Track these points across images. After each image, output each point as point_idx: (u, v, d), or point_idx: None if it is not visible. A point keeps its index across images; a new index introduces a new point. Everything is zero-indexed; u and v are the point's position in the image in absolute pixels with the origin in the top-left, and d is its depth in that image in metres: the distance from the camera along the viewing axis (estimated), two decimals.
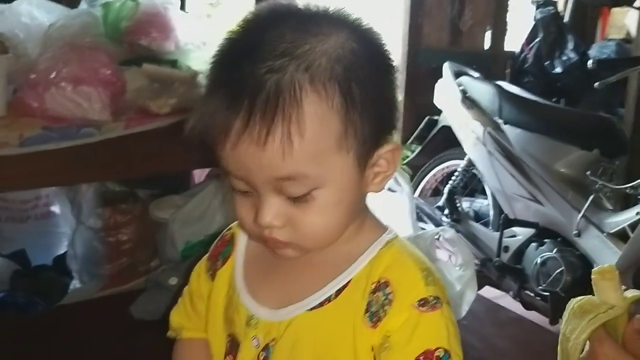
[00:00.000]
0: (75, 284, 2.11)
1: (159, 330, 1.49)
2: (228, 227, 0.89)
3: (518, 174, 2.44)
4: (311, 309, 0.76)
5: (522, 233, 2.43)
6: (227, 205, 1.81)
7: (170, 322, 0.93)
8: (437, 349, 0.72)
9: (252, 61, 0.67)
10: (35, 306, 1.93)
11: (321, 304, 0.76)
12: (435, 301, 0.73)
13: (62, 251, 2.28)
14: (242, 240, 0.85)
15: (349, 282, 0.76)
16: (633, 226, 2.06)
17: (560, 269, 2.22)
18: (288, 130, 0.66)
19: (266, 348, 0.77)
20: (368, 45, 0.72)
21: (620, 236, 2.12)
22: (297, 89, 0.66)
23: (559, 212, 2.32)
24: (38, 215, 2.38)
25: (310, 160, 0.68)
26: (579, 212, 2.22)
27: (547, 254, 2.29)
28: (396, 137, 0.76)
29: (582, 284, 2.19)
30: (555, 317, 2.26)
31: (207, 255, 0.90)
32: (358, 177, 0.73)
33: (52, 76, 1.61)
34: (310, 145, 0.67)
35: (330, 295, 0.76)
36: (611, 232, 2.14)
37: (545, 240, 2.35)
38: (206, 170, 2.20)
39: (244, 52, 0.68)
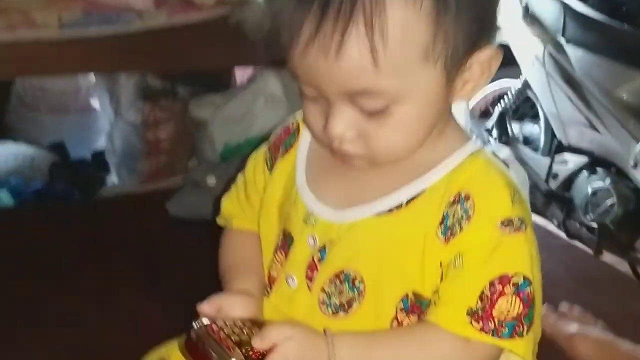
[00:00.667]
0: (112, 179, 2.11)
1: (195, 228, 1.47)
2: (293, 117, 0.82)
3: (577, 98, 2.30)
4: (378, 214, 0.69)
5: (574, 160, 2.32)
6: (269, 109, 1.74)
7: (222, 209, 0.87)
8: (516, 274, 0.64)
9: None
10: (73, 197, 1.93)
11: (390, 210, 0.69)
12: (520, 223, 0.66)
13: (100, 146, 2.28)
14: (307, 133, 0.78)
15: (423, 190, 0.68)
16: None
17: (612, 201, 2.12)
18: (366, 37, 0.57)
19: (322, 249, 0.71)
20: None
21: None
22: None
23: (617, 141, 2.19)
24: (77, 107, 2.36)
25: (391, 73, 0.60)
26: (638, 141, 2.09)
27: (599, 184, 2.19)
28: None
29: (633, 217, 2.10)
30: (599, 249, 2.19)
31: (266, 144, 0.83)
32: (445, 89, 0.64)
33: None
34: (391, 56, 0.58)
35: (402, 203, 0.68)
36: None
37: (598, 169, 2.24)
38: (248, 71, 2.12)
39: None
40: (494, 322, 0.64)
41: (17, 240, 1.39)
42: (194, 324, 0.65)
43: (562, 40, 2.35)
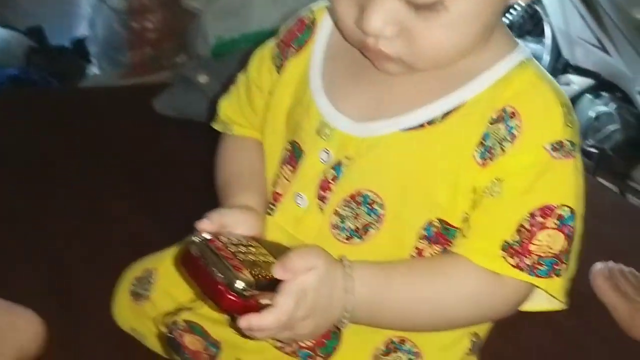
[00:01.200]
0: (93, 69, 1.98)
1: (183, 128, 1.37)
2: (309, 9, 0.71)
3: (589, 15, 2.20)
4: (406, 130, 0.60)
5: (579, 82, 2.25)
6: (268, 3, 1.60)
7: (219, 114, 0.78)
8: (562, 206, 0.57)
9: None
10: (50, 85, 1.81)
11: (421, 126, 0.60)
12: (571, 147, 0.58)
13: (81, 34, 2.13)
14: (325, 28, 0.68)
15: (462, 103, 0.59)
16: None
17: (615, 126, 2.08)
18: None
19: (338, 166, 0.63)
20: None
21: None
22: None
23: (626, 65, 2.11)
24: None
25: None
26: None
27: (603, 108, 2.13)
28: None
29: (633, 145, 2.06)
30: (594, 176, 2.16)
31: (274, 40, 0.73)
32: None
33: None
34: None
35: (436, 117, 0.59)
36: None
37: (603, 93, 2.18)
38: None
39: None
40: (532, 258, 0.57)
41: None
42: (193, 237, 0.56)
43: None
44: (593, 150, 2.13)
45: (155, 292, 0.76)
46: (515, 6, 2.49)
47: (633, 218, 1.36)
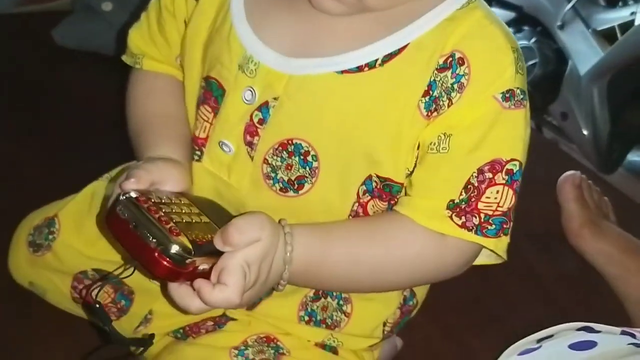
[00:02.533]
0: None
1: (86, 61, 1.26)
2: None
3: None
4: (343, 72, 0.54)
5: (501, 15, 2.22)
6: None
7: (129, 44, 0.70)
8: (512, 160, 0.54)
9: None
10: None
11: (359, 69, 0.54)
12: (522, 96, 0.54)
13: None
14: None
15: (406, 46, 0.53)
16: (624, 27, 1.91)
17: (534, 60, 2.09)
18: None
19: (264, 106, 0.56)
20: None
21: (607, 36, 1.98)
22: None
23: None
24: None
25: None
26: (569, 1, 2.02)
27: (523, 42, 2.13)
28: None
29: (551, 79, 2.08)
30: None
31: None
32: None
33: None
34: None
35: (376, 60, 0.54)
36: (598, 29, 1.98)
37: (524, 27, 2.18)
38: None
39: None
40: (479, 217, 0.54)
41: None
42: (120, 197, 0.50)
43: None
44: None
45: (57, 242, 0.70)
46: None
47: (548, 152, 1.39)
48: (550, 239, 1.02)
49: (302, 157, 0.56)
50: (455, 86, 0.53)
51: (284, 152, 0.57)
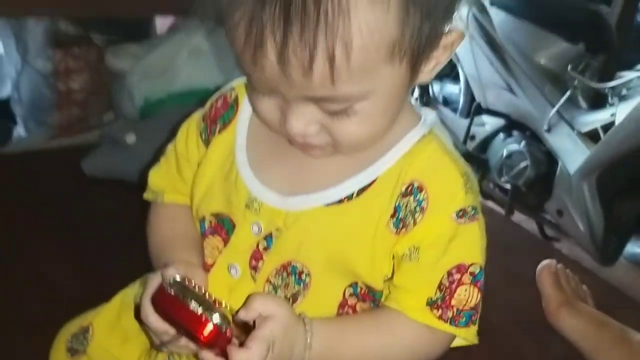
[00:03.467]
0: (20, 130, 1.97)
1: (113, 188, 1.40)
2: (230, 86, 0.76)
3: (497, 61, 2.35)
4: (327, 205, 0.66)
5: (491, 123, 2.39)
6: (193, 63, 1.66)
7: (150, 184, 0.82)
8: (473, 264, 0.65)
9: None
10: None
11: (340, 201, 0.66)
12: (473, 212, 0.65)
13: (4, 95, 2.11)
14: (247, 106, 0.71)
15: (374, 180, 0.65)
16: (606, 128, 2.02)
17: (525, 163, 2.20)
18: (330, 45, 0.51)
19: (268, 237, 0.68)
20: None
21: (591, 136, 2.08)
22: None
23: (533, 105, 2.26)
24: None
25: (356, 78, 0.55)
26: (553, 107, 2.16)
27: (514, 147, 2.26)
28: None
29: (544, 179, 2.19)
30: (511, 210, 2.28)
31: (200, 114, 0.77)
32: (410, 80, 0.60)
33: None
34: (356, 61, 0.53)
35: (352, 193, 0.65)
36: (583, 131, 2.09)
37: (514, 132, 2.32)
38: (169, 20, 2.01)
39: None
40: (453, 310, 0.65)
41: None
42: (168, 279, 0.61)
43: (487, 3, 2.38)
44: (507, 186, 2.25)
45: (92, 347, 0.79)
46: None
47: (539, 251, 1.48)
48: (537, 327, 1.10)
49: (297, 276, 0.67)
50: (418, 209, 0.64)
51: (284, 273, 0.67)
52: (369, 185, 0.66)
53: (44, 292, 1.03)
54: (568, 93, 2.15)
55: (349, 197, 0.66)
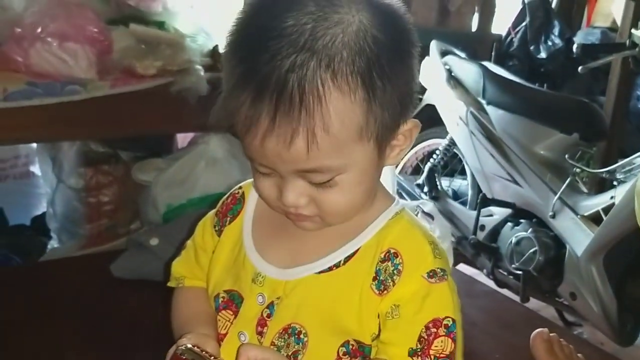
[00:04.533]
0: (53, 243, 2.11)
1: (139, 288, 1.51)
2: (238, 186, 0.91)
3: (498, 155, 2.46)
4: (319, 272, 0.78)
5: (498, 212, 2.46)
6: (210, 170, 1.81)
7: (173, 272, 0.94)
8: (446, 317, 0.75)
9: (272, 55, 0.65)
10: (13, 263, 1.93)
11: (330, 269, 0.78)
12: (442, 273, 0.76)
13: (40, 212, 2.28)
14: (252, 200, 0.87)
15: (357, 249, 0.78)
16: (606, 210, 2.08)
17: (534, 249, 2.25)
18: (312, 128, 0.66)
19: (270, 305, 0.79)
20: (391, 31, 0.70)
21: (594, 219, 2.14)
22: (320, 87, 0.65)
23: (536, 194, 2.34)
24: (17, 174, 2.37)
25: (333, 153, 0.69)
26: (555, 194, 2.24)
27: (522, 234, 2.33)
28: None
29: (554, 264, 2.24)
30: (525, 295, 2.31)
31: (214, 211, 0.91)
32: (378, 158, 0.75)
33: (38, 31, 1.59)
34: (333, 140, 0.67)
35: (340, 261, 0.78)
36: (585, 214, 2.16)
37: (521, 220, 2.38)
38: (190, 135, 2.19)
39: (263, 41, 0.66)
40: (431, 358, 0.74)
41: None
42: (181, 346, 0.71)
43: (483, 102, 2.54)
44: (519, 272, 2.30)
45: None
46: (437, 151, 2.79)
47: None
48: None
49: (296, 336, 0.77)
50: (395, 271, 0.75)
51: (285, 335, 0.78)
52: (354, 254, 0.78)
53: None
54: (568, 180, 2.24)
55: (337, 265, 0.77)
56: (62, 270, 1.62)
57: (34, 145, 2.29)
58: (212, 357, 0.70)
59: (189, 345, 0.72)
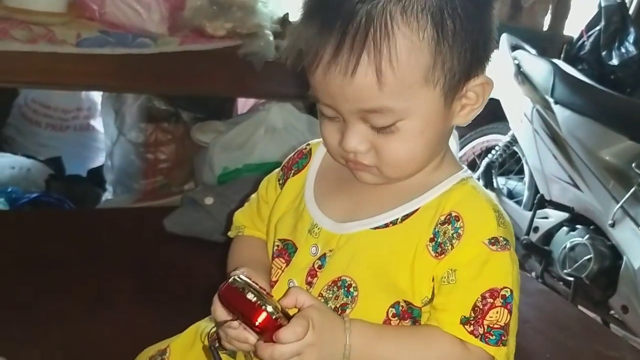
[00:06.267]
0: (108, 195, 2.15)
1: (190, 245, 1.51)
2: (307, 143, 0.91)
3: (561, 156, 2.40)
4: (375, 228, 0.76)
5: (555, 216, 2.40)
6: (268, 139, 1.81)
7: (234, 222, 0.95)
8: (504, 288, 0.72)
9: None
10: (65, 207, 1.97)
11: (386, 225, 0.76)
12: (505, 242, 0.73)
13: (97, 165, 2.32)
14: (318, 156, 0.86)
15: (417, 209, 0.75)
16: None
17: (589, 256, 2.19)
18: (376, 62, 0.66)
19: (322, 257, 0.78)
20: None
21: None
22: (389, 20, 0.65)
23: (597, 200, 2.27)
24: (77, 126, 2.42)
25: (396, 94, 0.68)
26: (618, 202, 2.17)
27: (578, 240, 2.26)
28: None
29: (608, 274, 2.17)
30: (574, 302, 2.24)
31: (280, 166, 0.91)
32: (444, 109, 0.72)
33: None
34: (397, 79, 0.67)
35: (397, 219, 0.75)
36: None
37: (578, 226, 2.32)
38: (251, 101, 2.19)
39: None
40: (484, 328, 0.71)
41: (11, 243, 1.42)
42: (234, 276, 0.70)
43: (551, 100, 2.46)
44: (570, 278, 2.23)
45: None
46: (496, 147, 2.73)
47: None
48: None
49: (346, 289, 0.75)
50: (455, 235, 0.72)
51: (335, 287, 0.76)
52: (412, 213, 0.75)
53: (129, 332, 1.12)
54: (633, 189, 2.15)
55: (394, 222, 0.75)
56: (115, 219, 1.64)
57: (97, 98, 2.34)
58: (265, 291, 0.69)
59: (242, 276, 0.71)
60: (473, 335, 0.70)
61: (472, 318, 0.71)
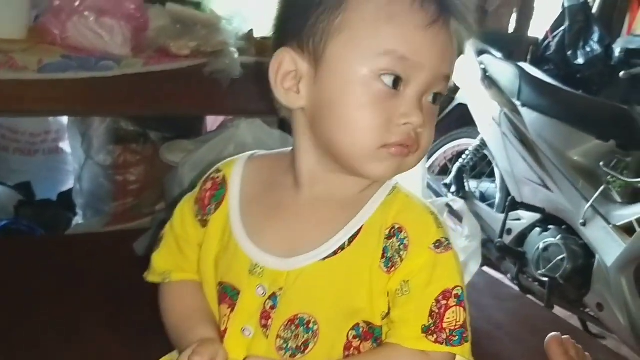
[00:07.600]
0: (78, 219, 2.12)
1: None
2: (216, 169, 0.84)
3: (530, 158, 2.43)
4: (324, 259, 0.74)
5: (527, 217, 2.43)
6: (239, 154, 1.80)
7: (155, 267, 0.86)
8: (455, 287, 0.72)
9: None
10: (37, 233, 1.94)
11: (335, 253, 0.74)
12: (447, 242, 0.74)
13: (67, 188, 2.29)
14: (234, 182, 0.80)
15: (361, 228, 0.74)
16: None
17: (562, 256, 2.22)
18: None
19: (273, 297, 0.75)
20: None
21: (626, 230, 2.10)
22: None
23: (567, 200, 2.30)
24: (46, 150, 2.38)
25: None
26: (587, 201, 2.20)
27: (550, 240, 2.29)
28: None
29: (582, 272, 2.19)
30: (550, 303, 2.27)
31: (192, 197, 0.84)
32: None
33: (76, 4, 1.58)
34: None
35: (344, 243, 0.74)
36: (618, 224, 2.11)
37: (550, 226, 2.35)
38: (220, 119, 2.19)
39: None
40: (446, 333, 0.71)
41: None
42: None
43: (518, 103, 2.49)
44: (545, 279, 2.25)
45: None
46: (466, 151, 2.75)
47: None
48: None
49: (305, 326, 0.74)
50: (401, 247, 0.72)
51: (292, 326, 0.74)
52: (357, 232, 0.74)
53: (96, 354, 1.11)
54: (602, 188, 2.18)
55: (342, 247, 0.74)
56: (85, 245, 1.62)
57: (65, 121, 2.31)
58: None
59: None
60: (438, 343, 0.71)
61: (432, 325, 0.71)
